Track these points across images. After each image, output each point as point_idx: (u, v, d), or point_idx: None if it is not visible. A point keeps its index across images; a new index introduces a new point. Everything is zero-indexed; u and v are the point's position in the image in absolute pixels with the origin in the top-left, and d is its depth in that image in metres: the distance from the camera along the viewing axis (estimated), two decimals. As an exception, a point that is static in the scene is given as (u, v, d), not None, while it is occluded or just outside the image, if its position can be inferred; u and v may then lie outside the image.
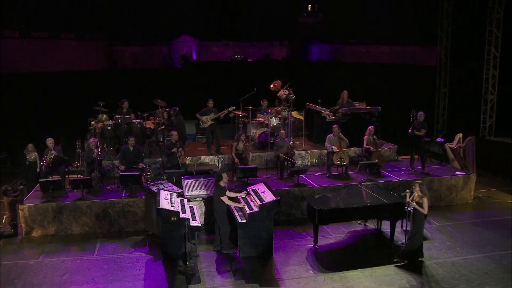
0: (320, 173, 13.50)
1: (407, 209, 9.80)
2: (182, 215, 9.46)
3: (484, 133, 17.83)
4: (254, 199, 10.09)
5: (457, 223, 11.89)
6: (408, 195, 9.48)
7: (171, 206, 9.62)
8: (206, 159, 14.14)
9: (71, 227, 11.50)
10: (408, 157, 14.40)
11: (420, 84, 26.30)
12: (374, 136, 13.70)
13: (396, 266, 9.47)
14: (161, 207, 9.36)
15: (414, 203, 9.27)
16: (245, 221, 9.66)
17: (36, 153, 13.00)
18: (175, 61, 74.09)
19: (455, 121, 19.08)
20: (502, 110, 17.75)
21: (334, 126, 13.55)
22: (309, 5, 79.82)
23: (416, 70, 35.90)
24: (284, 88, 15.88)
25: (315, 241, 10.51)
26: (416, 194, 9.32)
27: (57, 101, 31.89)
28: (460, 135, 14.10)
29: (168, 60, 73.94)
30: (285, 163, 13.25)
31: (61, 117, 26.43)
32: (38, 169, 12.83)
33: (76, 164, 13.15)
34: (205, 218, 11.23)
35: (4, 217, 11.58)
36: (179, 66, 70.13)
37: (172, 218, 9.39)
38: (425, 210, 9.22)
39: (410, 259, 9.50)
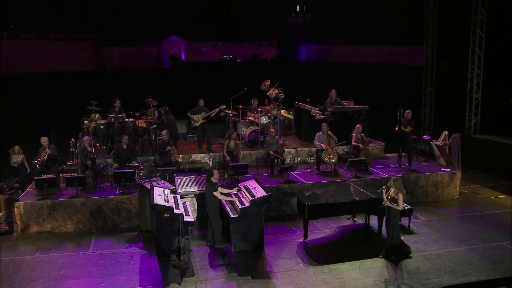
0: (309, 170, 13.81)
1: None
2: (175, 211, 9.71)
3: (469, 131, 18.23)
4: (246, 195, 10.37)
5: (443, 217, 12.26)
6: (384, 191, 9.74)
7: (165, 202, 9.87)
8: (197, 157, 14.39)
9: (66, 225, 11.69)
10: (396, 154, 14.72)
11: (407, 84, 26.76)
12: (362, 134, 14.03)
13: (383, 258, 9.79)
14: (155, 202, 9.61)
15: (388, 202, 9.54)
16: (237, 216, 9.94)
17: (23, 155, 13.16)
18: (164, 62, 74.16)
19: (441, 120, 19.47)
20: (486, 108, 18.16)
21: (323, 124, 13.87)
22: (298, 6, 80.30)
23: (403, 70, 36.46)
24: (274, 88, 16.17)
25: (305, 236, 10.82)
26: (392, 190, 9.59)
27: (47, 101, 31.99)
28: (446, 132, 14.46)
29: (157, 61, 73.97)
30: (275, 160, 13.53)
31: (51, 117, 26.54)
32: (28, 169, 13.04)
33: (70, 162, 13.33)
34: (197, 214, 11.47)
35: (0, 214, 11.76)
36: (168, 67, 70.23)
37: (165, 215, 9.64)
38: (399, 206, 9.53)
39: (396, 255, 9.79)
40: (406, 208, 11.36)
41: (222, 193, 10.45)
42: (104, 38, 66.70)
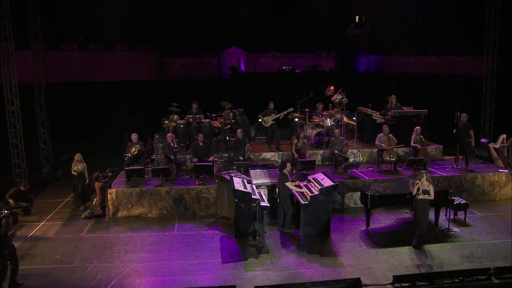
0: (371, 169, 14.83)
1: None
2: (253, 196, 11.02)
3: (528, 137, 18.66)
4: (315, 185, 11.56)
5: (499, 214, 12.98)
6: (416, 185, 10.49)
7: (244, 189, 11.20)
8: (267, 155, 15.69)
9: (151, 210, 13.22)
10: (453, 157, 15.46)
11: (468, 93, 27.11)
12: (421, 136, 14.93)
13: (438, 243, 10.73)
14: (236, 189, 10.95)
15: (421, 195, 10.36)
16: (307, 203, 11.13)
17: (84, 164, 14.03)
18: (224, 72, 76.24)
19: (501, 126, 19.92)
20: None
21: (384, 126, 14.89)
22: (357, 16, 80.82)
23: (464, 80, 36.56)
24: (338, 93, 17.29)
25: (367, 224, 11.88)
26: (423, 182, 10.37)
27: (114, 108, 34.14)
28: (504, 135, 15.12)
29: (217, 71, 76.13)
30: (340, 159, 14.64)
31: (120, 122, 28.48)
32: (87, 180, 14.01)
33: (153, 156, 14.94)
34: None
35: (95, 199, 13.44)
36: (228, 77, 72.15)
37: (253, 205, 10.93)
38: (431, 196, 10.37)
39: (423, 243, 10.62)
40: (462, 202, 12.24)
41: (294, 185, 11.65)
42: (166, 48, 69.27)
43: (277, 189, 12.19)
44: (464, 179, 14.03)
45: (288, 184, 11.42)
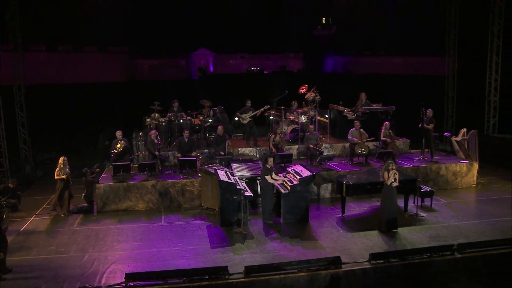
0: (344, 162, 15.82)
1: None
2: (238, 187, 11.83)
3: (488, 131, 20.02)
4: (294, 175, 12.46)
5: (461, 200, 14.16)
6: (386, 174, 11.47)
7: (229, 180, 12.01)
8: (245, 150, 16.52)
9: (138, 204, 13.89)
10: (419, 150, 16.58)
11: (431, 92, 28.44)
12: (390, 130, 15.99)
13: (408, 227, 11.76)
14: (222, 180, 11.75)
15: (395, 182, 11.35)
16: (287, 192, 12.01)
17: (68, 169, 13.57)
18: (193, 73, 76.60)
19: (462, 122, 21.21)
20: (504, 110, 19.92)
21: (355, 121, 15.90)
22: (323, 18, 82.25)
23: (429, 80, 38.02)
24: (311, 91, 18.23)
25: (343, 211, 12.84)
26: (392, 171, 11.37)
27: (87, 109, 34.35)
28: (465, 129, 16.31)
29: (186, 72, 76.43)
30: (315, 152, 15.56)
31: (98, 122, 28.85)
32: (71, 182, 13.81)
33: (137, 153, 15.59)
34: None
35: (83, 194, 14.01)
36: (197, 78, 72.54)
37: (235, 197, 11.76)
38: (397, 183, 11.41)
39: (393, 228, 11.58)
40: (428, 190, 13.33)
41: (272, 178, 12.49)
42: (135, 50, 69.20)
43: (258, 181, 13.03)
44: (429, 170, 15.15)
45: (268, 177, 12.25)
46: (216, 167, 13.37)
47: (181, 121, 16.64)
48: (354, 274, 9.50)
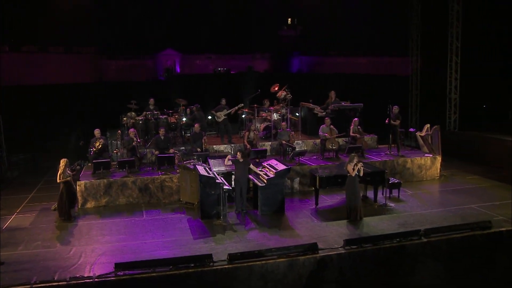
0: (315, 157, 16.57)
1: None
2: (217, 181, 12.41)
3: (450, 127, 21.12)
4: (270, 169, 13.11)
5: (426, 191, 15.09)
6: (350, 166, 12.27)
7: (208, 174, 12.57)
8: (220, 147, 17.10)
9: (119, 199, 14.30)
10: (386, 145, 17.46)
11: (395, 90, 29.58)
12: (359, 127, 16.82)
13: (378, 216, 12.57)
14: (202, 174, 12.30)
15: (356, 173, 12.18)
16: (264, 184, 12.65)
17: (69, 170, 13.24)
18: (160, 74, 76.51)
19: (426, 118, 22.26)
20: (463, 107, 21.07)
21: (326, 118, 16.70)
22: (289, 19, 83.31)
23: (393, 80, 39.28)
24: (282, 90, 18.93)
25: (316, 203, 13.56)
26: (356, 163, 12.22)
27: (55, 110, 34.26)
28: (428, 125, 17.24)
29: (153, 73, 76.28)
30: (287, 148, 16.25)
31: (68, 123, 28.89)
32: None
33: (116, 151, 15.98)
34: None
35: (64, 192, 14.32)
36: (163, 79, 72.51)
37: (212, 192, 12.34)
38: (361, 174, 12.30)
39: (358, 216, 12.33)
40: (396, 181, 14.18)
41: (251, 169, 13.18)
42: (102, 51, 68.82)
43: (233, 176, 13.57)
44: (396, 163, 16.03)
45: (252, 166, 12.95)
46: (194, 163, 13.89)
47: (158, 119, 17.09)
48: (330, 259, 10.19)
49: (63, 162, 12.87)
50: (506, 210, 12.79)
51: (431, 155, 16.60)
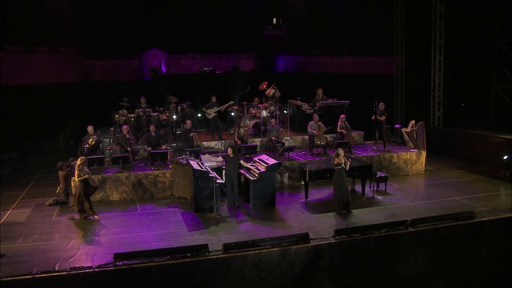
0: (304, 152, 17.00)
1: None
2: (210, 175, 12.76)
3: (434, 124, 21.69)
4: (261, 164, 13.50)
5: (412, 185, 15.61)
6: (337, 159, 12.72)
7: (202, 169, 12.92)
8: (211, 144, 17.45)
9: (113, 194, 14.59)
10: (373, 141, 17.92)
11: (380, 89, 30.14)
12: (346, 122, 17.28)
13: (366, 208, 13.02)
14: (195, 168, 12.65)
15: (343, 165, 12.66)
16: (255, 178, 13.04)
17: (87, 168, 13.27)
18: (145, 74, 76.45)
19: (411, 115, 22.80)
20: (447, 104, 21.65)
21: (314, 114, 17.14)
22: (274, 19, 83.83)
23: (378, 79, 39.90)
24: (271, 87, 19.33)
25: (306, 196, 13.99)
26: (342, 157, 12.69)
27: (42, 110, 34.31)
28: (413, 121, 17.75)
29: (138, 73, 76.20)
30: (277, 144, 16.65)
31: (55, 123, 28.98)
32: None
33: (108, 147, 16.25)
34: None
35: (58, 188, 14.56)
36: (149, 79, 72.46)
37: (205, 186, 12.69)
38: (347, 167, 12.76)
39: (347, 208, 12.81)
40: (383, 175, 14.65)
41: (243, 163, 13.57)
42: (87, 51, 68.64)
43: (223, 170, 13.89)
44: (383, 158, 16.52)
45: (242, 161, 13.32)
46: (187, 158, 14.23)
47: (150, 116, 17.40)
48: (321, 248, 10.59)
49: (80, 160, 12.65)
50: (488, 202, 13.39)
51: (416, 150, 17.10)
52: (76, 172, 12.66)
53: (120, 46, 72.09)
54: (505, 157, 16.33)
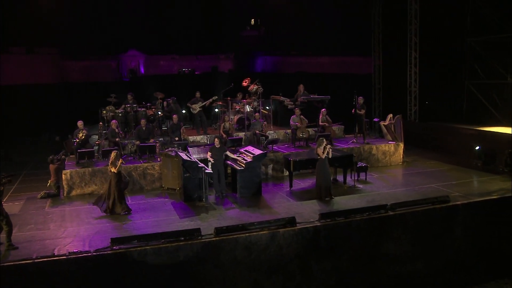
0: (287, 145, 17.65)
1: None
2: (199, 165, 13.31)
3: (410, 118, 22.55)
4: (248, 154, 14.10)
5: (391, 174, 16.42)
6: (320, 149, 13.32)
7: (191, 159, 13.46)
8: (197, 138, 17.97)
9: (103, 187, 14.92)
10: (353, 135, 18.65)
11: (359, 87, 30.96)
12: (327, 116, 17.97)
13: (348, 195, 13.72)
14: (185, 159, 13.19)
15: (325, 154, 13.28)
16: (242, 168, 13.63)
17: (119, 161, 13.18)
18: (124, 75, 76.27)
19: (388, 110, 23.59)
20: (422, 99, 22.54)
21: (296, 109, 17.80)
22: (252, 19, 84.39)
23: (355, 78, 40.82)
24: (254, 84, 19.93)
25: (291, 185, 14.63)
26: (325, 146, 13.31)
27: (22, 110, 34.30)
28: (391, 114, 18.51)
29: (117, 74, 76.02)
30: (261, 137, 17.25)
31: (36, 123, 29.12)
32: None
33: (97, 142, 16.67)
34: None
35: (49, 181, 14.95)
36: (128, 80, 72.30)
37: (194, 175, 13.24)
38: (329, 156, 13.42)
39: (329, 196, 13.45)
40: (363, 165, 15.37)
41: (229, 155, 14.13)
42: (65, 52, 68.25)
43: (209, 163, 14.35)
44: (362, 150, 17.26)
45: (228, 152, 13.90)
46: (175, 150, 14.75)
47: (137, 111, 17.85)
48: (307, 231, 11.23)
49: (113, 154, 12.77)
50: (462, 188, 14.24)
51: (394, 142, 17.87)
52: (109, 166, 12.69)
53: (98, 47, 71.79)
54: (477, 148, 17.31)
